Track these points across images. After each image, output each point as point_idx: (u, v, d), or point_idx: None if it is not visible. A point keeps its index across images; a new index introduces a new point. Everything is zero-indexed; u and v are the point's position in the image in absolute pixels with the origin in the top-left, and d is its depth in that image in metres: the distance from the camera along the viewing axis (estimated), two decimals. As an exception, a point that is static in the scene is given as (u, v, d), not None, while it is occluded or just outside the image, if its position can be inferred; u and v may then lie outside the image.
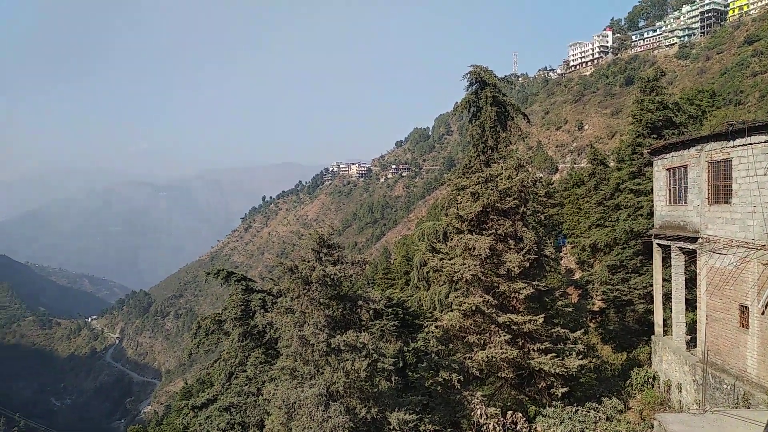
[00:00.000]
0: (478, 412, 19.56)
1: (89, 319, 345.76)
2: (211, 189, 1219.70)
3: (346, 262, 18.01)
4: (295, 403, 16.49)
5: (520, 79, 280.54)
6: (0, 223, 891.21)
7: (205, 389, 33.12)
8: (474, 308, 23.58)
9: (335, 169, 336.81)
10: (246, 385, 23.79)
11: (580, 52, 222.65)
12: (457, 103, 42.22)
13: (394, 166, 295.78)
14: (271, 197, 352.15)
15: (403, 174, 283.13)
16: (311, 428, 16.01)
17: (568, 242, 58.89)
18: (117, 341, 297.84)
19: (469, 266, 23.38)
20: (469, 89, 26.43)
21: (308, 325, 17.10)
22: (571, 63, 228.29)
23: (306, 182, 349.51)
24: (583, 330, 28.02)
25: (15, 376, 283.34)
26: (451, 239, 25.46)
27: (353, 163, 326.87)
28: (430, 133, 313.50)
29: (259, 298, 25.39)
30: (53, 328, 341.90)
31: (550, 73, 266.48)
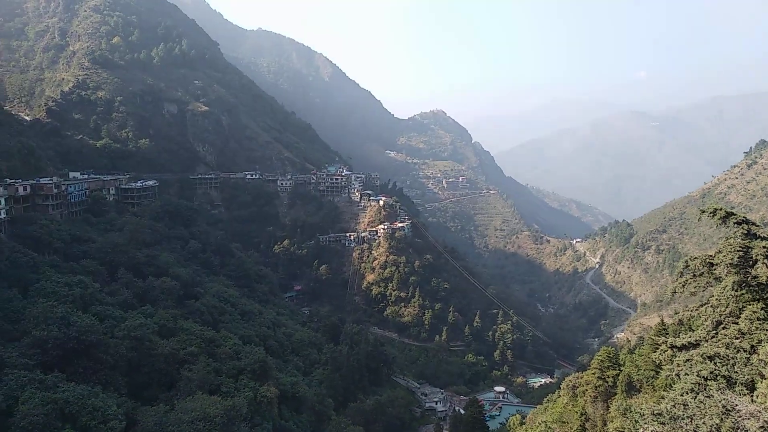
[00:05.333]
0: None
1: (574, 241, 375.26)
2: (711, 119, 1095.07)
3: None
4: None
5: None
6: (509, 150, 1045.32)
7: (685, 331, 31.64)
8: None
9: None
10: (737, 338, 21.54)
11: None
12: None
13: None
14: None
15: None
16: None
17: None
18: (597, 266, 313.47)
19: None
20: None
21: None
22: None
23: None
24: None
25: (512, 279, 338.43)
26: None
27: None
28: None
29: (764, 246, 22.03)
30: (543, 245, 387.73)
31: None
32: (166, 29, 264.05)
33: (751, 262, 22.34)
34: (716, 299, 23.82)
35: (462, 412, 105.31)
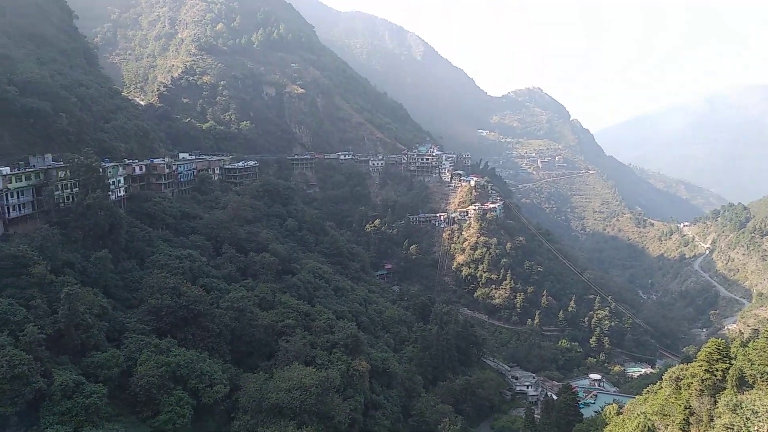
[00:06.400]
0: None
1: (681, 224, 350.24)
2: None
3: None
4: None
5: None
6: (610, 128, 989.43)
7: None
8: None
9: None
10: None
11: None
12: None
13: None
14: None
15: None
16: None
17: None
18: (707, 252, 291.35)
19: None
20: None
21: None
22: None
23: None
24: None
25: (611, 263, 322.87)
26: None
27: None
28: None
29: None
30: (646, 228, 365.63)
31: None
32: (265, 14, 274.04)
33: None
34: None
35: (554, 397, 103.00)
